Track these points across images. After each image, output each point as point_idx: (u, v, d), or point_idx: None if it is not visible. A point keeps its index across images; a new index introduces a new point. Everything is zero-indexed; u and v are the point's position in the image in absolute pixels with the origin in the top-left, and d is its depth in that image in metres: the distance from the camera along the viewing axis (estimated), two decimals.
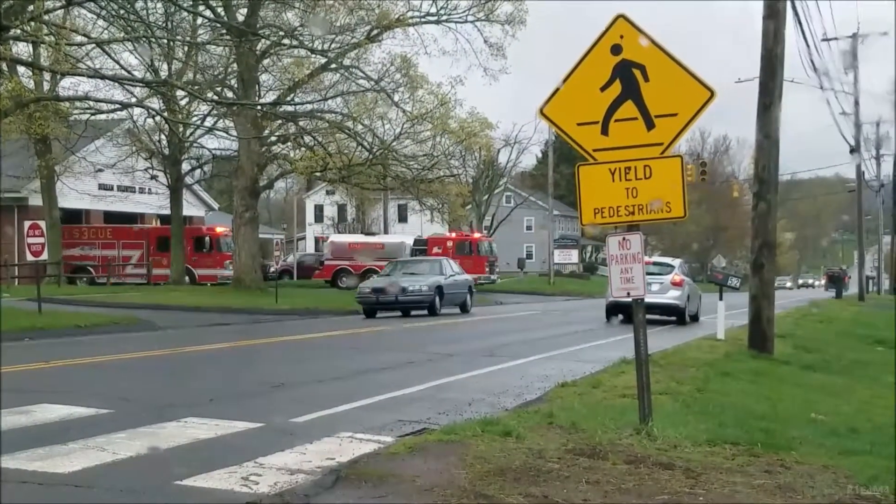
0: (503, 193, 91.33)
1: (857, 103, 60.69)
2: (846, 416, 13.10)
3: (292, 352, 19.94)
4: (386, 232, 68.97)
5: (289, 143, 46.12)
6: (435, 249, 55.80)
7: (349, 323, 29.29)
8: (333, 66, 42.76)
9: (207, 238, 53.95)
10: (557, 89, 9.65)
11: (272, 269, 56.20)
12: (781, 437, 9.60)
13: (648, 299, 26.25)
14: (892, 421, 12.87)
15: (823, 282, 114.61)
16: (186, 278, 51.56)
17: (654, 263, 31.07)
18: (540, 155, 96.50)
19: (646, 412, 9.39)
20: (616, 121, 9.46)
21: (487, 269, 58.24)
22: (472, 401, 12.28)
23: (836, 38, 56.68)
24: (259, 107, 40.42)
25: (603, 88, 9.46)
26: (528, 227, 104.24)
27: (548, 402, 11.48)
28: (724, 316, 23.69)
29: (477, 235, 62.96)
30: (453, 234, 62.06)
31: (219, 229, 55.35)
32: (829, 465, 8.44)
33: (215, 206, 70.73)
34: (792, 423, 11.18)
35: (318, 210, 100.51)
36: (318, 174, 48.30)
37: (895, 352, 23.34)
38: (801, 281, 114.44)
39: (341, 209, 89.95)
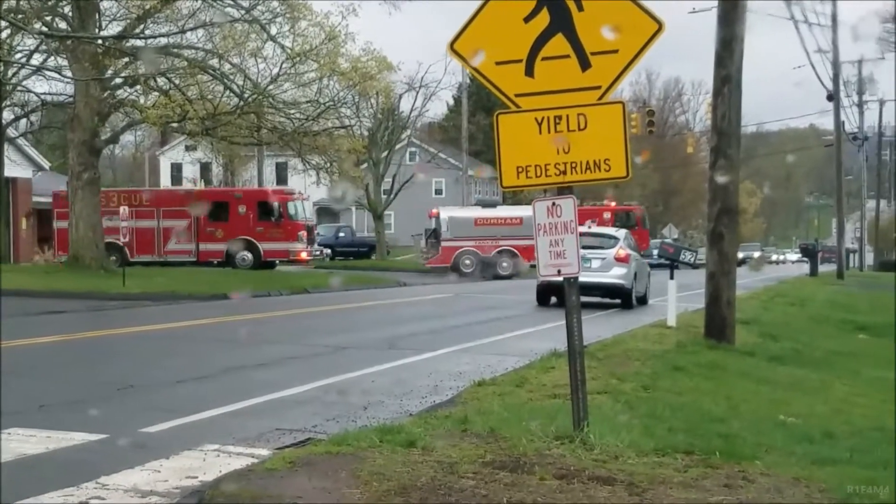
0: (406, 149, 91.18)
1: (835, 38, 61.83)
2: (821, 417, 13.39)
3: (145, 346, 19.75)
4: None
5: (138, 87, 45.39)
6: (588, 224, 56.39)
7: (217, 309, 29.08)
8: None
9: (276, 204, 52.29)
10: (471, 20, 9.67)
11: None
12: (744, 444, 9.80)
13: (588, 278, 26.92)
14: (875, 424, 13.23)
15: (789, 258, 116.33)
16: (249, 254, 50.82)
17: (594, 235, 31.32)
18: (452, 102, 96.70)
19: (580, 416, 9.50)
20: (543, 59, 9.50)
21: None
22: (368, 404, 12.31)
23: None
24: (100, 41, 39.71)
25: (527, 19, 9.50)
26: (438, 191, 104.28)
27: (461, 405, 11.55)
28: (677, 298, 24.01)
29: (635, 205, 64.97)
30: (612, 205, 63.41)
31: (287, 191, 54.08)
32: (801, 476, 8.64)
33: (46, 164, 69.35)
34: (756, 427, 11.40)
35: (176, 169, 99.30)
36: (174, 125, 47.60)
37: None
38: (757, 254, 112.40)
39: (205, 168, 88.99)
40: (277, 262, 51.87)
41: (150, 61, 42.27)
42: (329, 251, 64.31)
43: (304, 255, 51.98)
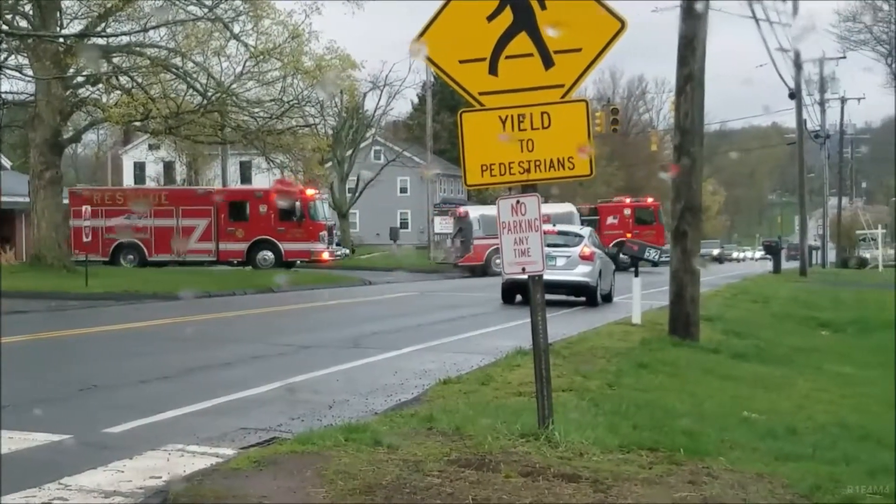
0: (371, 148, 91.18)
1: (796, 37, 62.16)
2: (784, 414, 13.47)
3: (109, 345, 19.67)
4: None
5: (100, 86, 45.16)
6: (610, 220, 57.91)
7: (180, 309, 28.99)
8: None
9: (297, 203, 51.75)
10: (435, 18, 9.67)
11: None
12: (708, 440, 9.84)
13: (553, 276, 26.99)
14: (837, 420, 13.33)
15: (748, 255, 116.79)
16: (270, 254, 50.43)
17: (559, 233, 31.45)
18: (416, 100, 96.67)
19: (545, 413, 9.52)
20: (507, 57, 9.52)
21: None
22: (333, 403, 12.30)
23: None
24: (61, 39, 39.47)
25: (490, 18, 9.51)
26: (403, 189, 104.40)
27: (427, 403, 11.57)
28: (641, 296, 24.12)
29: (651, 200, 65.78)
30: (627, 200, 65.01)
31: (309, 191, 53.64)
32: (765, 472, 8.69)
33: (7, 163, 69.05)
34: (720, 423, 11.45)
35: (139, 168, 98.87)
36: (137, 124, 47.41)
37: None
38: (717, 252, 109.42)
39: (168, 167, 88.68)
40: (298, 262, 51.65)
41: (92, 59, 42.02)
42: (348, 251, 64.10)
43: (325, 256, 51.79)
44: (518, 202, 9.60)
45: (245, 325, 25.03)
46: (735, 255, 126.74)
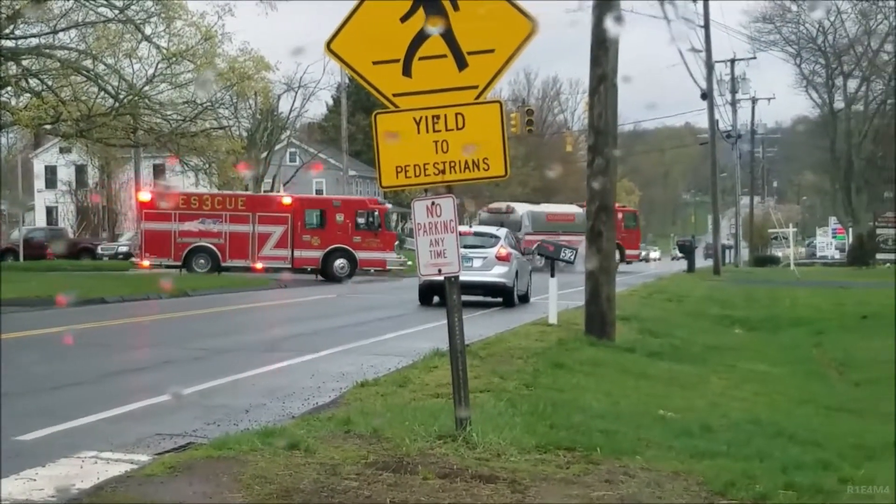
0: (286, 150, 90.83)
1: (707, 38, 62.89)
2: (699, 411, 13.60)
3: (19, 352, 19.36)
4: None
5: (9, 88, 44.60)
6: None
7: (94, 314, 28.63)
8: None
9: (375, 212, 51.12)
10: (348, 19, 9.66)
11: None
12: (624, 439, 9.92)
13: (470, 277, 27.04)
14: (751, 417, 13.50)
15: (652, 255, 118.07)
16: (346, 262, 49.82)
17: (476, 234, 31.68)
18: (331, 102, 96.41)
19: (463, 415, 9.54)
20: (421, 59, 9.53)
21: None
22: (249, 407, 12.23)
23: None
24: None
25: (404, 19, 9.51)
26: (319, 191, 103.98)
27: (344, 406, 11.53)
28: (557, 296, 24.23)
29: (634, 207, 73.59)
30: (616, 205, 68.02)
31: (384, 203, 53.75)
32: (681, 470, 8.78)
33: None
34: (637, 422, 11.54)
35: (51, 172, 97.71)
36: (48, 127, 46.93)
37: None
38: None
39: (80, 171, 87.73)
40: (372, 270, 51.41)
41: (22, 63, 41.58)
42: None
43: (388, 266, 51.88)
44: (433, 204, 9.61)
45: (160, 329, 24.78)
46: (652, 255, 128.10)
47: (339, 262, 50.25)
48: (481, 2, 9.46)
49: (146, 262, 47.37)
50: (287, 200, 52.21)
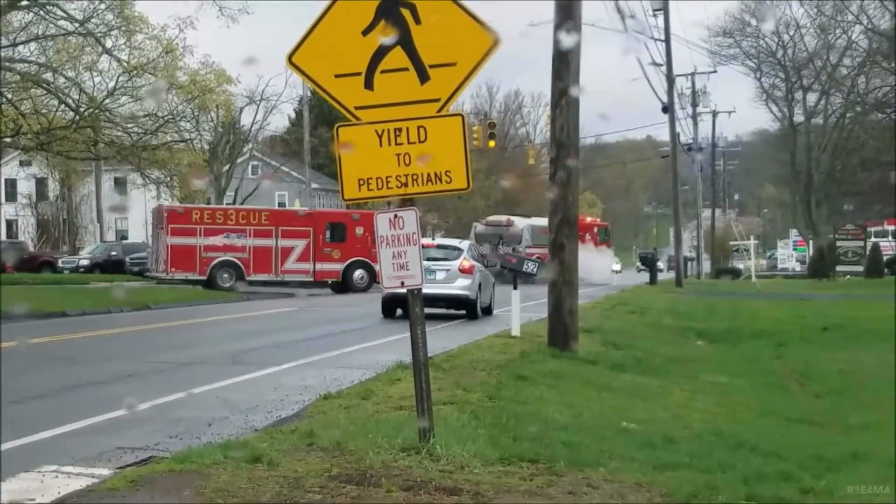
0: (248, 163, 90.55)
1: (668, 52, 63.24)
2: (661, 423, 13.66)
3: None
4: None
5: None
6: (587, 237, 62.70)
7: (54, 327, 28.46)
8: (25, 1, 41.35)
9: None
10: (309, 32, 9.67)
11: None
12: (587, 451, 9.95)
13: (433, 290, 27.10)
14: (713, 428, 13.57)
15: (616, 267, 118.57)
16: (365, 273, 49.86)
17: (438, 247, 31.71)
18: (293, 115, 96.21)
19: (426, 427, 9.54)
20: (383, 72, 9.55)
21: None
22: (212, 420, 12.19)
23: None
24: None
25: (365, 32, 9.54)
26: (282, 204, 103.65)
27: (307, 419, 11.52)
28: (520, 308, 24.28)
29: (606, 222, 75.90)
30: (588, 220, 72.77)
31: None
32: (643, 481, 8.81)
33: None
34: (600, 434, 11.57)
35: (11, 185, 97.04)
36: (7, 140, 46.64)
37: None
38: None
39: (41, 184, 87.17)
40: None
41: None
42: None
43: None
44: (396, 216, 9.63)
45: (121, 342, 24.66)
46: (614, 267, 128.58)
47: (359, 273, 50.72)
48: (443, 15, 9.49)
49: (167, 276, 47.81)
50: (304, 214, 53.04)
